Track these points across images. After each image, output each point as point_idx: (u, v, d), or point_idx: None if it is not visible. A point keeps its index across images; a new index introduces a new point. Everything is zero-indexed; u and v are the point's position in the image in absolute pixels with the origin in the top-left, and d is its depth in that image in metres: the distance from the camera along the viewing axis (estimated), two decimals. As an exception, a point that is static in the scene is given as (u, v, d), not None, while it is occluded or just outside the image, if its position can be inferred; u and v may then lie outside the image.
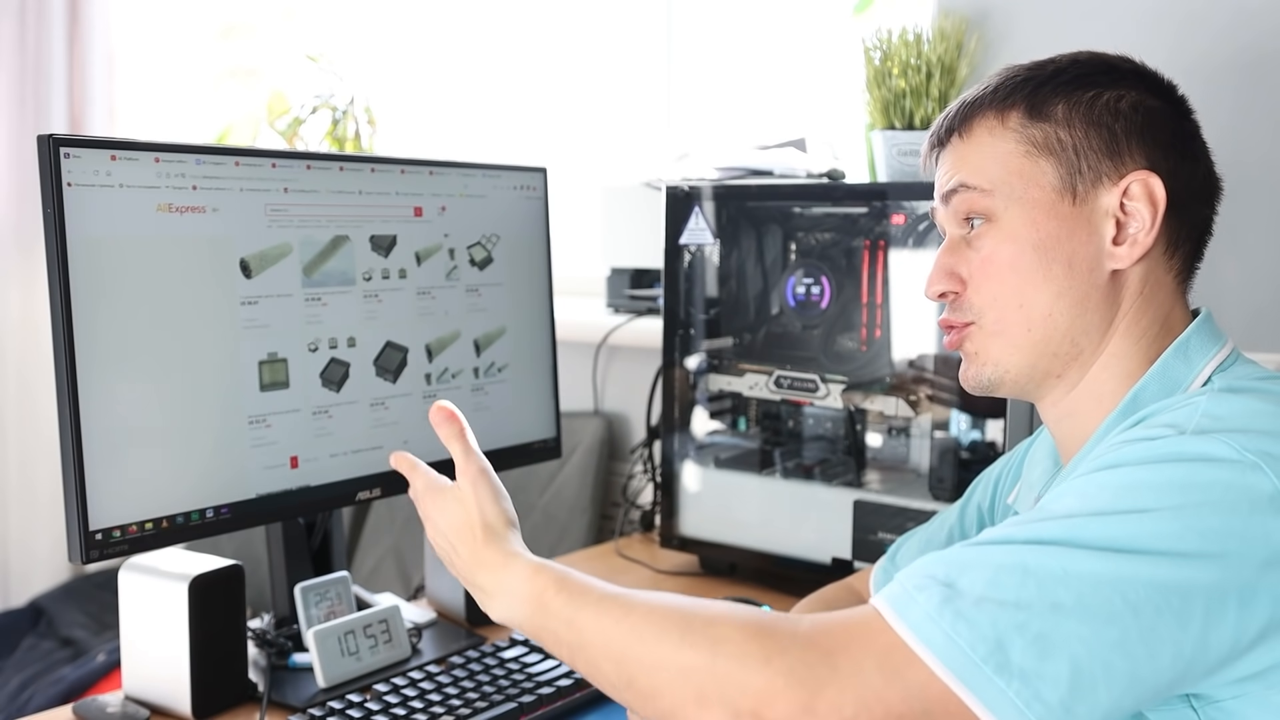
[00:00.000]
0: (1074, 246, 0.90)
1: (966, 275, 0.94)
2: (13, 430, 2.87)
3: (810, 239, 1.64)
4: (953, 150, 0.96)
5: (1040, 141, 0.91)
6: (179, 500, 1.19)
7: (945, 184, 0.96)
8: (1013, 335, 0.92)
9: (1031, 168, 0.91)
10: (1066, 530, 0.75)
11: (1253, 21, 1.51)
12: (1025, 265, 0.90)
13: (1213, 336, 0.91)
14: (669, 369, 1.70)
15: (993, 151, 0.92)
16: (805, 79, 2.22)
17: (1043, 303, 0.90)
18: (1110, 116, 0.91)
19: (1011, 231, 0.91)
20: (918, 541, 1.23)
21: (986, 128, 0.93)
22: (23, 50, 2.81)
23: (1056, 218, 0.90)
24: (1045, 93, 0.92)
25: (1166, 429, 0.80)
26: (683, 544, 1.68)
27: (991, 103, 0.94)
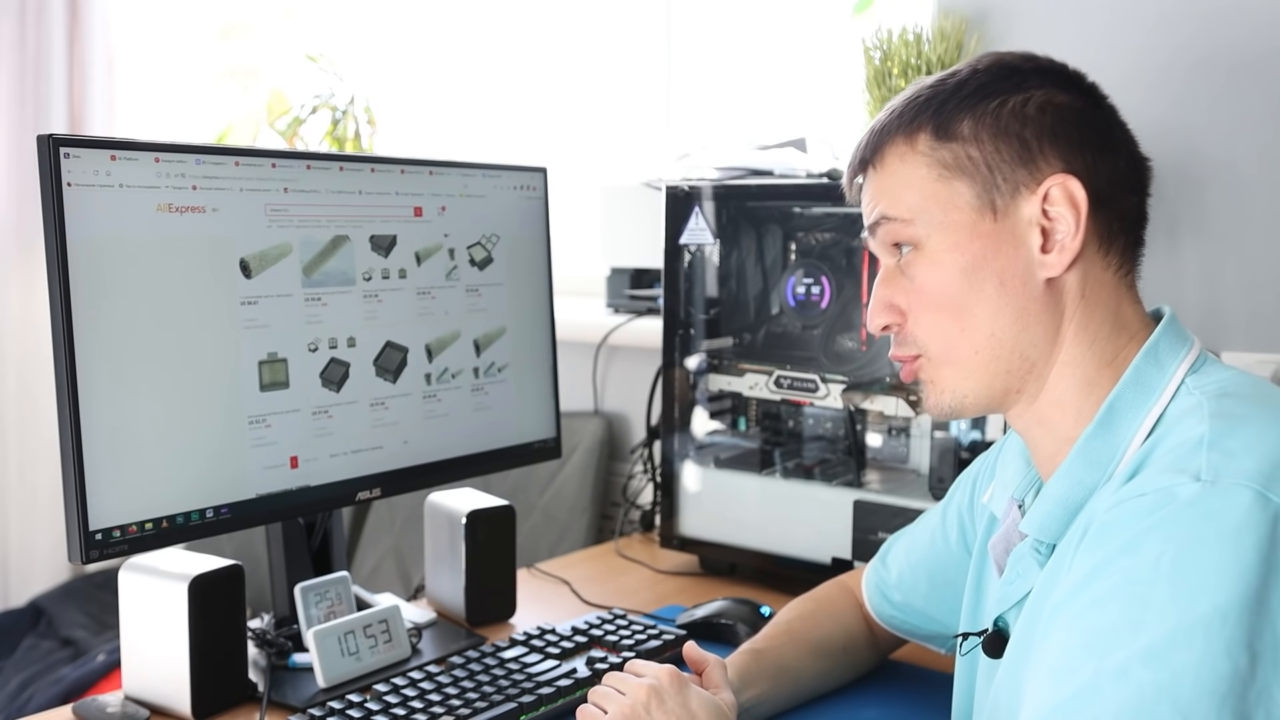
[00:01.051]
0: (1002, 263, 0.89)
1: (905, 305, 0.93)
2: (13, 430, 2.87)
3: (810, 239, 1.64)
4: (870, 181, 0.95)
5: (951, 163, 0.89)
6: (179, 500, 1.19)
7: (869, 216, 0.95)
8: (961, 361, 0.91)
9: (947, 191, 0.90)
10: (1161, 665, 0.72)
11: (1252, 22, 1.51)
12: (956, 290, 0.89)
13: (1180, 338, 0.90)
14: (669, 369, 1.70)
15: (906, 179, 0.91)
16: (805, 79, 2.22)
17: (982, 324, 0.89)
18: (1018, 123, 0.88)
19: (937, 258, 0.90)
20: (905, 544, 1.23)
21: (897, 155, 0.92)
22: (23, 50, 2.81)
23: (980, 237, 0.89)
24: (949, 110, 0.90)
25: (1179, 475, 0.77)
26: (683, 544, 1.68)
27: (899, 128, 0.92)
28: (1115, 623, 0.74)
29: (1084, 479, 0.86)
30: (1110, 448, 0.86)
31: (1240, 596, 0.71)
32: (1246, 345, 1.51)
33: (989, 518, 1.06)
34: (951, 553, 1.16)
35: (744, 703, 1.12)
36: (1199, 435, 0.79)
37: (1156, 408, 0.86)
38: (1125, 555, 0.76)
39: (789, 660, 1.19)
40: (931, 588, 1.18)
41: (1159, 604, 0.72)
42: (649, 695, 0.96)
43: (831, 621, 1.25)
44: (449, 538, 1.46)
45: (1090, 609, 0.76)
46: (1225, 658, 0.70)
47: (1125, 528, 0.77)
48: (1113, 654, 0.73)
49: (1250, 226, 1.53)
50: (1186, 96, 1.55)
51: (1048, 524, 0.88)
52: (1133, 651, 0.72)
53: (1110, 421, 0.87)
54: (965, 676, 1.05)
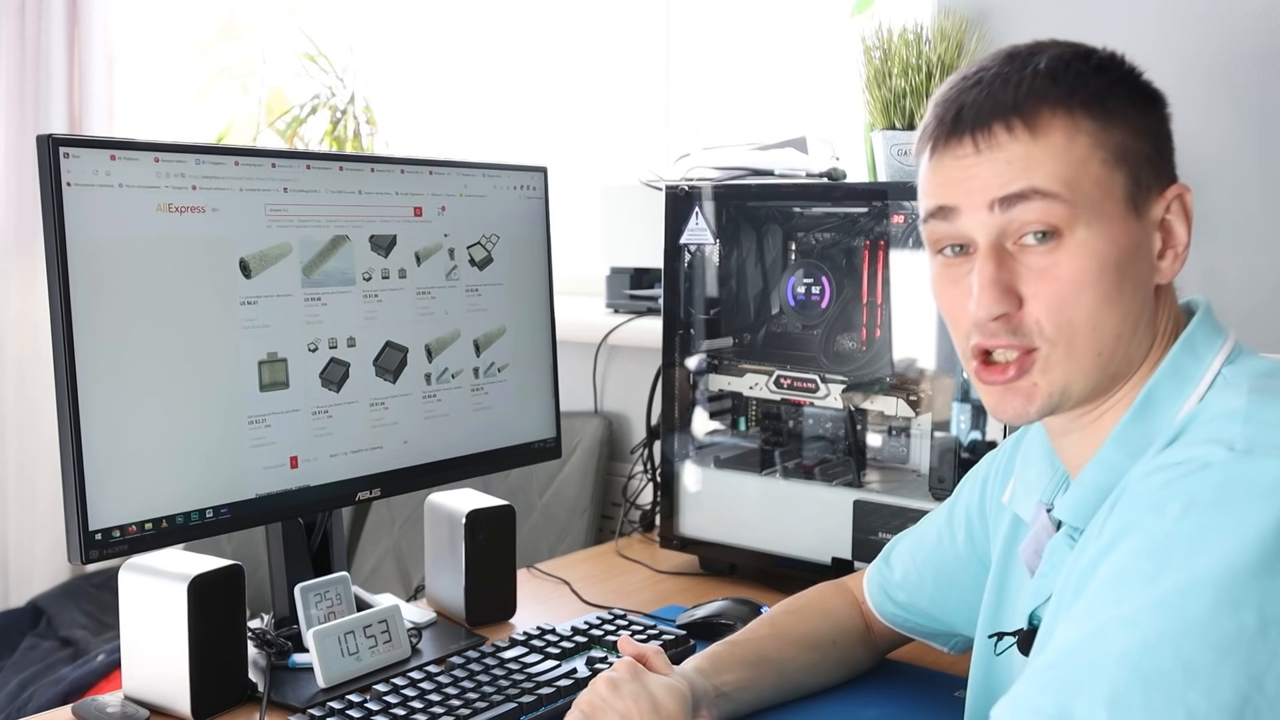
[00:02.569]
0: (1139, 264, 0.86)
1: (1029, 294, 0.84)
2: (13, 430, 2.87)
3: (810, 239, 1.64)
4: (1012, 147, 0.84)
5: (1115, 150, 0.84)
6: (179, 500, 1.19)
7: (1006, 185, 0.84)
8: (1083, 361, 0.85)
9: (1109, 178, 0.84)
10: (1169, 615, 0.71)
11: (1255, 22, 1.51)
12: (1105, 286, 0.84)
13: (1215, 329, 0.90)
14: (669, 369, 1.70)
15: (1069, 157, 0.83)
16: (805, 79, 2.22)
17: (1114, 324, 0.85)
18: (1161, 125, 0.88)
19: (1093, 248, 0.83)
20: (908, 544, 1.23)
21: (1062, 127, 0.84)
22: (23, 50, 2.81)
23: (1128, 234, 0.85)
24: (1115, 92, 0.86)
25: (1213, 445, 0.77)
26: (683, 544, 1.68)
27: (1058, 97, 0.84)
28: (1132, 574, 0.74)
29: (1118, 465, 0.86)
30: (1146, 436, 0.85)
31: (1256, 558, 0.71)
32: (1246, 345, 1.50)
33: (1012, 519, 1.05)
34: (958, 553, 1.16)
35: (720, 686, 1.12)
36: (1236, 408, 0.79)
37: (1194, 398, 0.85)
38: (1150, 514, 0.76)
39: (769, 651, 1.18)
40: (937, 588, 1.18)
41: (1175, 559, 0.73)
42: (606, 686, 1.02)
43: (820, 617, 1.25)
44: (449, 538, 1.46)
45: (1111, 564, 0.76)
46: (1231, 615, 0.70)
47: (1154, 492, 0.77)
48: (1125, 603, 0.73)
49: (1250, 226, 1.53)
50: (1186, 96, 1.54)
51: (1081, 509, 0.88)
52: (1144, 601, 0.72)
53: (1146, 410, 0.86)
54: (986, 677, 1.04)
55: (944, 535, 1.18)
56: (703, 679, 1.11)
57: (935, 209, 0.88)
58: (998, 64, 0.87)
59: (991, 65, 0.88)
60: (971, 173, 0.85)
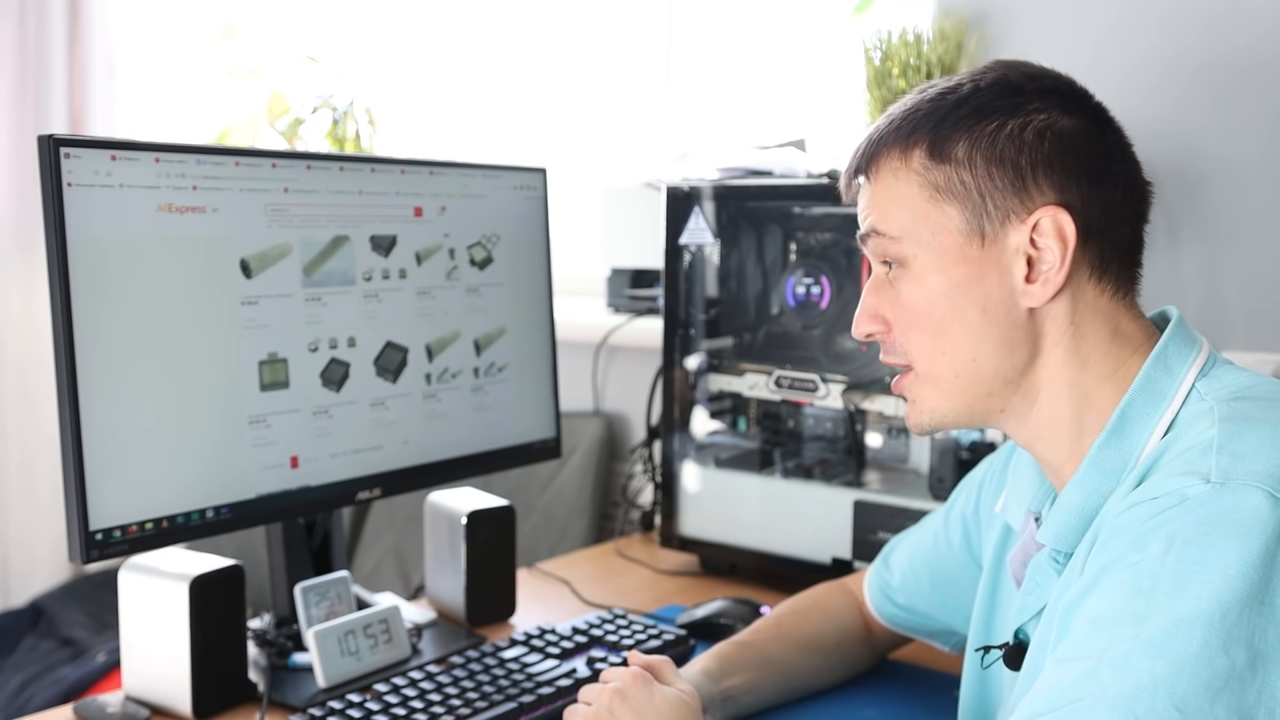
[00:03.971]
0: (986, 289, 0.88)
1: (890, 317, 0.93)
2: (13, 430, 2.87)
3: (810, 239, 1.64)
4: (865, 190, 0.94)
5: (943, 185, 0.88)
6: (179, 500, 1.19)
7: (862, 224, 0.94)
8: (941, 382, 0.91)
9: (937, 213, 0.89)
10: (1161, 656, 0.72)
11: (1252, 22, 1.51)
12: (939, 313, 0.89)
13: (1188, 341, 0.89)
14: (669, 369, 1.70)
15: (898, 196, 0.90)
16: (805, 79, 2.22)
17: (963, 348, 0.89)
18: (1014, 150, 0.86)
19: (922, 279, 0.89)
20: (907, 546, 1.23)
21: (891, 170, 0.91)
22: (23, 50, 2.81)
23: (965, 262, 0.88)
24: (946, 129, 0.88)
25: (1189, 477, 0.77)
26: (683, 544, 1.68)
27: (895, 140, 0.91)
28: (1119, 614, 0.74)
29: (1097, 487, 0.86)
30: (1123, 455, 0.86)
31: (1243, 593, 0.71)
32: (1246, 345, 1.51)
33: (1003, 528, 1.05)
34: (955, 555, 1.16)
35: (727, 690, 1.13)
36: (1208, 439, 0.79)
37: (1168, 413, 0.86)
38: (1132, 552, 0.76)
39: (775, 653, 1.19)
40: (934, 589, 1.19)
41: (1162, 597, 0.73)
42: (612, 697, 1.00)
43: (825, 618, 1.25)
44: (449, 538, 1.46)
45: (1097, 603, 0.76)
46: (1223, 653, 0.70)
47: (1134, 528, 0.77)
48: (1115, 645, 0.73)
49: (1250, 226, 1.53)
50: (1187, 97, 1.55)
51: (1064, 533, 0.88)
52: (1134, 643, 0.72)
53: (1122, 429, 0.86)
54: (978, 685, 1.05)
55: (940, 538, 1.19)
56: (709, 683, 1.11)
57: None
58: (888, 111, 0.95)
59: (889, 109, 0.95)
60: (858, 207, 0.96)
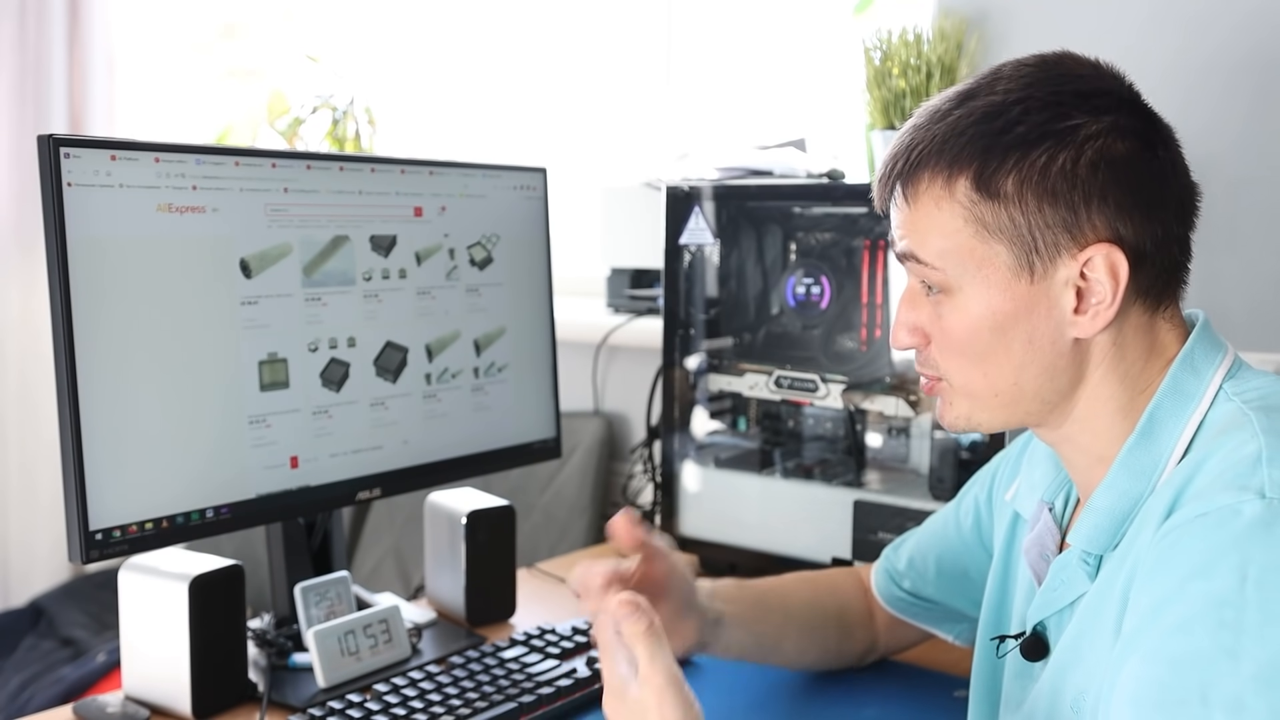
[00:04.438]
0: (1034, 323, 0.86)
1: (929, 333, 0.91)
2: (13, 430, 2.87)
3: (810, 239, 1.64)
4: (901, 208, 0.90)
5: (991, 223, 0.85)
6: (179, 500, 1.19)
7: (897, 243, 0.91)
8: (980, 399, 0.90)
9: (984, 249, 0.85)
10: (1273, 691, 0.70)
11: (1253, 22, 1.51)
12: (983, 344, 0.88)
13: (1214, 344, 0.89)
14: (669, 369, 1.70)
15: (940, 227, 0.86)
16: (805, 79, 2.22)
17: (1006, 374, 0.88)
18: (1067, 185, 0.83)
19: (966, 309, 0.87)
20: (917, 536, 1.24)
21: (933, 198, 0.86)
22: (23, 50, 2.81)
23: (1013, 298, 0.86)
24: (995, 160, 0.84)
25: (1241, 492, 0.75)
26: (683, 544, 1.68)
27: (938, 165, 0.86)
28: (1209, 651, 0.72)
29: (1129, 490, 0.86)
30: (1153, 457, 0.86)
31: None
32: (1246, 345, 1.50)
33: (1013, 516, 1.06)
34: (964, 541, 1.17)
35: (719, 612, 1.12)
36: (1254, 451, 0.78)
37: (1196, 415, 0.86)
38: (1200, 579, 0.74)
39: (773, 602, 1.19)
40: (940, 574, 1.19)
41: (1253, 628, 0.71)
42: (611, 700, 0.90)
43: (829, 589, 1.26)
44: (449, 538, 1.46)
45: (1173, 638, 0.74)
46: None
47: (1192, 551, 0.75)
48: (1217, 685, 0.71)
49: (1250, 226, 1.53)
50: (1187, 97, 1.55)
51: (1096, 536, 0.88)
52: (1241, 681, 0.70)
53: (1151, 431, 0.86)
54: (990, 674, 1.04)
55: (951, 525, 1.19)
56: (707, 598, 1.12)
57: None
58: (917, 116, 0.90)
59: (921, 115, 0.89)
60: (891, 219, 0.93)
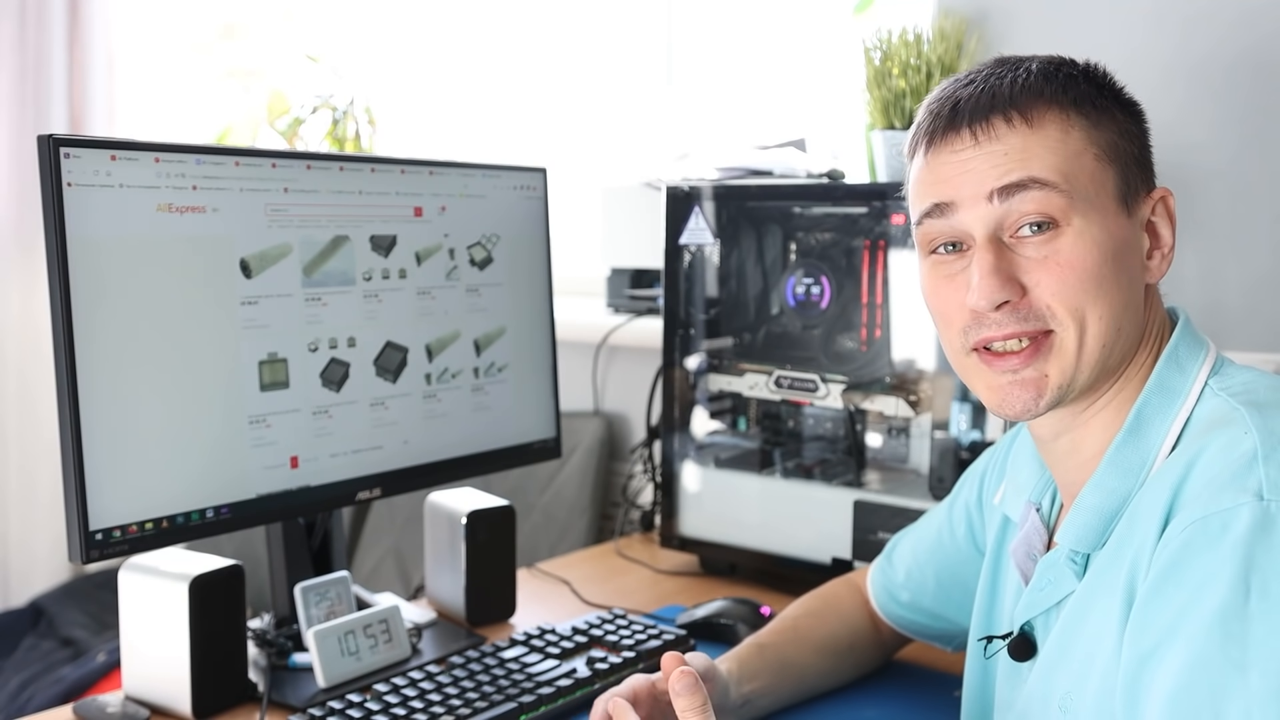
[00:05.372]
0: (1131, 260, 0.88)
1: (1032, 284, 0.85)
2: (13, 430, 2.87)
3: (810, 239, 1.64)
4: (1009, 138, 0.85)
5: (1107, 146, 0.87)
6: (179, 500, 1.19)
7: (1003, 174, 0.85)
8: (1091, 351, 0.86)
9: (1102, 173, 0.86)
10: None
11: (1253, 22, 1.51)
12: (1107, 274, 0.85)
13: (1197, 341, 0.91)
14: (669, 369, 1.70)
15: (1066, 149, 0.85)
16: (805, 79, 2.22)
17: (1115, 315, 0.86)
18: (1143, 131, 0.91)
19: (1091, 237, 0.84)
20: (910, 542, 1.23)
21: (1058, 121, 0.86)
22: (23, 50, 2.81)
23: (1121, 227, 0.87)
24: (1105, 96, 0.89)
25: (1239, 493, 0.75)
26: (683, 544, 1.68)
27: (1053, 94, 0.86)
28: (1218, 665, 0.72)
29: (1117, 488, 0.86)
30: (1141, 454, 0.86)
31: None
32: (1246, 345, 1.51)
33: (1002, 519, 1.06)
34: (959, 549, 1.16)
35: (746, 695, 1.12)
36: (1250, 449, 0.78)
37: (1183, 412, 0.86)
38: (1204, 591, 0.74)
39: (792, 656, 1.19)
40: (939, 585, 1.18)
41: (1260, 640, 0.71)
42: None
43: (838, 620, 1.25)
44: (449, 538, 1.46)
45: (1182, 653, 0.74)
46: None
47: (1195, 562, 0.75)
48: (1229, 701, 0.71)
49: (1250, 226, 1.53)
50: (1187, 97, 1.55)
51: (1085, 535, 0.87)
52: (1250, 694, 0.70)
53: (1139, 428, 0.87)
54: (981, 676, 1.05)
55: (944, 532, 1.18)
56: (731, 687, 1.11)
57: (931, 207, 0.88)
58: (989, 67, 0.90)
59: (983, 69, 0.90)
60: (968, 167, 0.86)
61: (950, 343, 0.91)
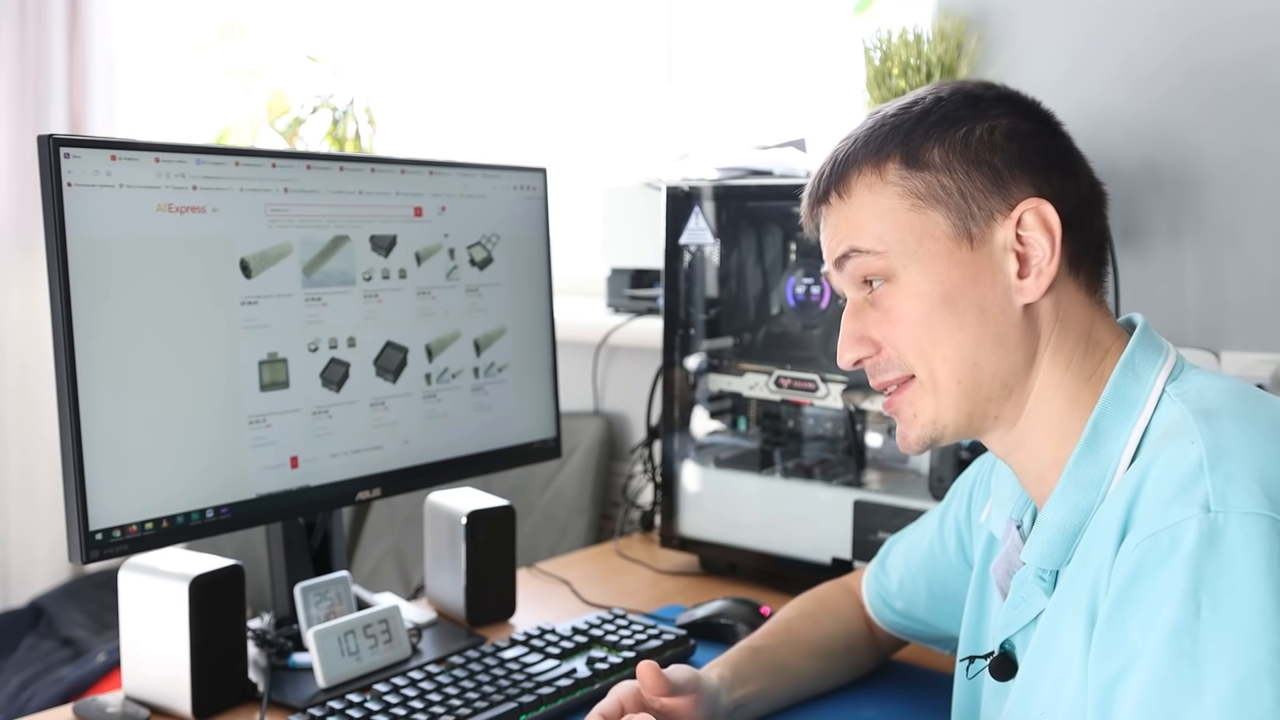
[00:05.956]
0: (981, 290, 0.87)
1: (880, 338, 0.91)
2: (13, 430, 2.87)
3: (810, 239, 1.64)
4: (835, 212, 0.92)
5: (924, 192, 0.88)
6: (179, 500, 1.19)
7: (834, 249, 0.92)
8: (943, 391, 0.89)
9: (921, 220, 0.88)
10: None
11: (1253, 22, 1.51)
12: (937, 320, 0.88)
13: (1154, 346, 0.89)
14: (669, 369, 1.70)
15: (876, 210, 0.89)
16: (805, 79, 2.22)
17: (964, 354, 0.88)
18: (988, 151, 0.88)
19: (915, 289, 0.88)
20: (903, 549, 1.23)
21: (865, 185, 0.90)
22: (23, 50, 2.81)
23: (958, 266, 0.87)
24: (918, 139, 0.89)
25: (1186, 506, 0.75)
26: (683, 544, 1.68)
27: (864, 156, 0.90)
28: (1173, 685, 0.72)
29: (1078, 503, 0.86)
30: (1100, 468, 0.85)
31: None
32: (1246, 345, 1.51)
33: (988, 537, 1.05)
34: (950, 563, 1.16)
35: (739, 699, 1.12)
36: (1196, 459, 0.77)
37: (1141, 421, 0.85)
38: (1156, 610, 0.73)
39: (786, 659, 1.19)
40: (931, 596, 1.18)
41: (1212, 656, 0.71)
42: None
43: (833, 621, 1.25)
44: (449, 538, 1.46)
45: (1138, 673, 0.74)
46: None
47: (1148, 579, 0.75)
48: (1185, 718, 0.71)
49: (1250, 226, 1.53)
50: (1186, 96, 1.55)
51: (1049, 551, 0.87)
52: (1206, 712, 0.70)
53: (1096, 441, 0.86)
54: (967, 695, 1.05)
55: (935, 545, 1.18)
56: (724, 692, 1.11)
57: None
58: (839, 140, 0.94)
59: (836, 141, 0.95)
60: (822, 239, 0.95)
61: None
